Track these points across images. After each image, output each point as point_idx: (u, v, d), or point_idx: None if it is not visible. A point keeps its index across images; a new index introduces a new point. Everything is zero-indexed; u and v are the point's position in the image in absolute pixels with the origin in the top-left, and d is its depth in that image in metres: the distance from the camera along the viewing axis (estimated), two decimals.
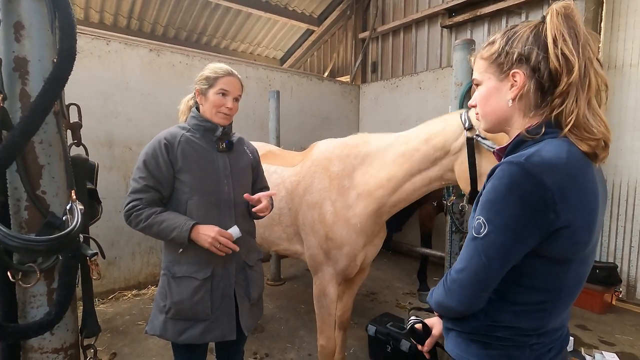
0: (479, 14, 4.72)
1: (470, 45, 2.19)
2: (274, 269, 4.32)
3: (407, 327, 1.12)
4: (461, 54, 2.19)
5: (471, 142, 1.56)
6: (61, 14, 0.89)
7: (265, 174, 2.51)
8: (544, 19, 0.85)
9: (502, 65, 0.88)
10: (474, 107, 0.98)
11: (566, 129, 0.81)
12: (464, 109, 2.00)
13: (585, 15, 3.60)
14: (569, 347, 2.69)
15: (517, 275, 0.84)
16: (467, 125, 1.57)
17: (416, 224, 4.25)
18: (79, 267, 1.02)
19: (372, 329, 2.69)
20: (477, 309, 0.88)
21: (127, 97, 3.84)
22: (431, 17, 5.44)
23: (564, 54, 0.79)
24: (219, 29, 7.34)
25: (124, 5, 6.29)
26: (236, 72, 1.63)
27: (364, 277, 2.45)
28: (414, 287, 4.14)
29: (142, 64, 3.93)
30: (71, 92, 1.17)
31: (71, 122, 1.09)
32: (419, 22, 5.64)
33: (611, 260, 3.83)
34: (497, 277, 0.84)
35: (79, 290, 1.04)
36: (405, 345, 2.47)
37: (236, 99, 1.61)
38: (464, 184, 1.64)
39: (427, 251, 3.90)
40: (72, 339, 1.02)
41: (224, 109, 1.56)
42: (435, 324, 1.11)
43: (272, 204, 1.84)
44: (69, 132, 1.11)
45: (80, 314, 1.11)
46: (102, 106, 3.69)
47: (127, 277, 3.95)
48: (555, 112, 0.82)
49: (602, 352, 2.58)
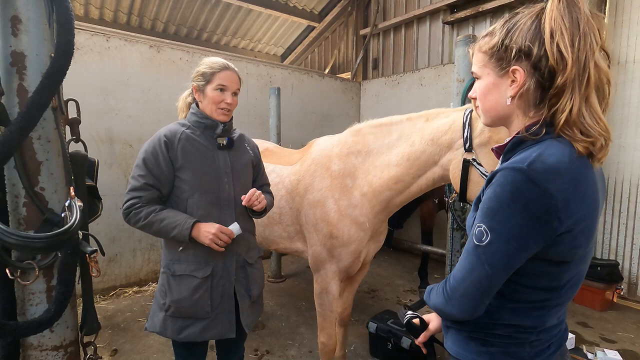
0: (481, 9, 4.68)
1: (472, 41, 2.16)
2: (275, 266, 4.32)
3: (404, 321, 1.11)
4: (463, 50, 2.17)
5: (467, 165, 1.53)
6: (59, 8, 0.88)
7: None
8: (545, 6, 0.79)
9: (501, 60, 0.84)
10: (475, 99, 0.95)
11: (557, 127, 0.77)
12: (467, 105, 1.98)
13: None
14: (570, 345, 2.70)
15: (517, 275, 0.83)
16: (468, 146, 1.52)
17: (417, 221, 4.24)
18: (78, 264, 1.01)
19: (373, 326, 2.69)
20: (479, 314, 0.86)
21: (128, 94, 3.83)
22: (433, 13, 5.40)
23: (559, 50, 0.75)
24: (219, 25, 7.31)
25: (124, 1, 6.26)
26: (233, 65, 1.60)
27: (364, 274, 2.45)
28: (415, 284, 4.14)
29: (142, 60, 3.91)
30: (71, 89, 1.16)
31: (70, 117, 1.08)
32: (420, 18, 5.61)
33: (613, 257, 3.82)
34: (500, 285, 0.83)
35: (78, 287, 1.03)
36: (406, 342, 2.47)
37: (235, 93, 1.59)
38: (455, 186, 1.64)
39: (428, 248, 3.89)
40: (71, 337, 1.01)
41: (224, 104, 1.54)
42: (432, 319, 1.10)
43: (272, 203, 1.83)
44: (67, 128, 1.10)
45: (80, 311, 1.10)
46: (102, 103, 3.68)
47: (128, 274, 3.96)
48: (551, 111, 0.78)
49: (604, 350, 2.57)
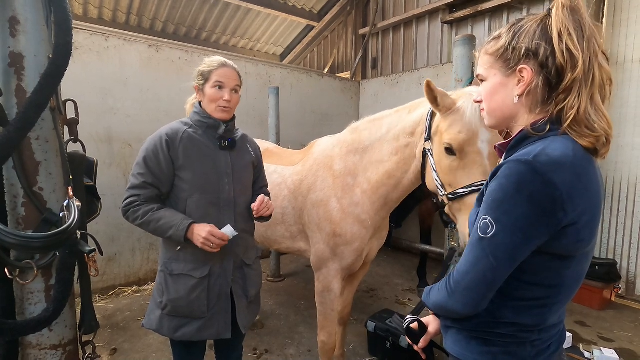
0: (480, 9, 4.69)
1: (471, 41, 2.17)
2: (274, 265, 4.32)
3: (404, 327, 1.11)
4: (462, 50, 2.17)
5: (425, 153, 1.65)
6: (57, 9, 0.88)
7: (265, 173, 2.51)
8: (549, 12, 0.83)
9: (508, 61, 0.86)
10: (480, 102, 0.97)
11: (565, 124, 0.80)
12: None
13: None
14: (567, 344, 2.71)
15: (519, 271, 0.83)
16: (427, 135, 1.61)
17: (416, 221, 4.25)
18: (77, 263, 1.01)
19: (371, 325, 2.70)
20: (482, 309, 0.86)
21: (126, 93, 3.82)
22: (432, 13, 5.41)
23: (568, 49, 0.78)
24: (218, 24, 7.31)
25: (123, 1, 6.25)
26: (231, 63, 1.58)
27: (365, 273, 2.46)
28: (414, 283, 4.15)
29: (141, 59, 3.91)
30: (70, 89, 1.16)
31: (68, 118, 1.09)
32: (419, 18, 5.61)
33: (611, 256, 3.83)
34: (504, 278, 0.83)
35: (77, 287, 1.04)
36: (404, 341, 2.48)
37: (234, 90, 1.57)
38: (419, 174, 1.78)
39: (427, 248, 3.90)
40: (70, 336, 1.02)
41: (222, 102, 1.53)
42: (430, 322, 1.10)
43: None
44: (66, 128, 1.11)
45: (78, 311, 1.11)
46: (101, 102, 3.68)
47: (127, 274, 3.96)
48: (558, 108, 0.81)
49: (601, 349, 2.58)
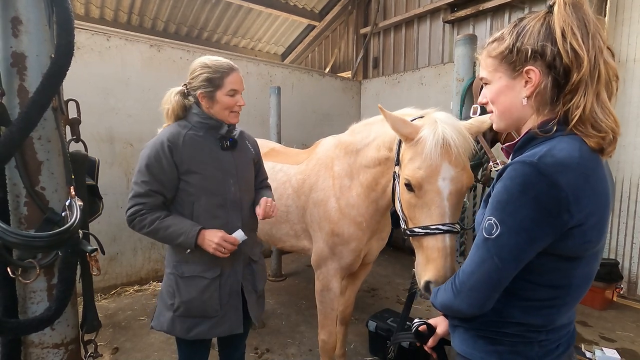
0: (481, 8, 4.67)
1: (472, 40, 2.17)
2: (275, 265, 4.33)
3: (412, 330, 1.13)
4: (463, 50, 2.17)
5: (394, 178, 1.52)
6: (59, 9, 0.88)
7: (271, 171, 2.52)
8: (551, 9, 0.81)
9: (514, 63, 0.85)
10: (485, 104, 0.95)
11: (571, 124, 0.79)
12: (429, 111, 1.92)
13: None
14: None
15: (526, 271, 0.82)
16: (396, 160, 1.50)
17: None
18: (79, 263, 1.02)
19: (372, 325, 2.70)
20: (487, 309, 0.86)
21: (128, 93, 3.83)
22: (433, 12, 5.39)
23: (573, 49, 0.77)
24: (219, 24, 7.31)
25: (124, 0, 6.26)
26: (233, 63, 1.57)
27: (367, 273, 2.45)
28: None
29: (142, 59, 3.91)
30: (72, 88, 1.16)
31: (70, 118, 1.09)
32: (420, 17, 5.60)
33: (612, 256, 3.82)
34: (509, 278, 0.82)
35: (79, 286, 1.04)
36: (405, 341, 2.48)
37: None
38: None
39: None
40: (72, 334, 1.02)
41: (237, 107, 1.54)
42: (439, 322, 1.10)
43: (272, 196, 1.83)
44: (68, 128, 1.11)
45: (80, 310, 1.11)
46: (103, 102, 3.69)
47: (129, 273, 3.97)
48: (565, 108, 0.80)
49: (602, 349, 2.58)
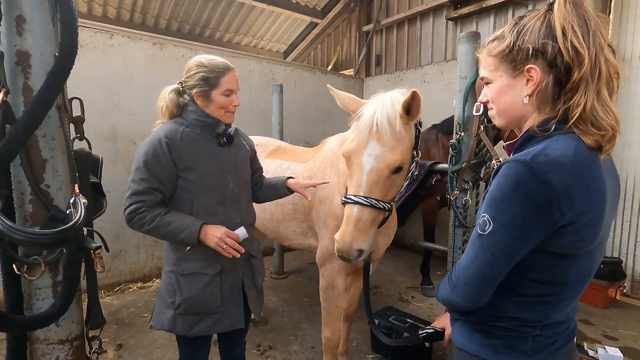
0: (484, 5, 4.65)
1: (475, 37, 2.15)
2: (277, 262, 4.34)
3: (422, 339, 1.18)
4: (466, 47, 2.15)
5: None
6: (62, 8, 0.89)
7: (278, 169, 2.53)
8: (551, 7, 0.81)
9: (515, 61, 0.85)
10: (486, 103, 0.96)
11: (570, 122, 0.79)
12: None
13: (593, 7, 3.53)
14: None
15: (521, 267, 0.84)
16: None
17: (419, 218, 4.25)
18: (83, 260, 1.03)
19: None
20: (483, 304, 0.88)
21: (131, 91, 3.84)
22: (436, 9, 5.37)
23: (574, 47, 0.77)
24: (221, 22, 7.31)
25: None
26: (229, 63, 1.56)
27: (372, 270, 2.45)
28: (417, 281, 4.15)
29: (145, 57, 3.92)
30: (75, 86, 1.17)
31: (74, 116, 1.10)
32: (423, 15, 5.57)
33: (616, 255, 3.81)
34: (503, 274, 0.84)
35: (83, 283, 1.05)
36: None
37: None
38: None
39: (430, 245, 3.89)
40: (77, 331, 1.03)
41: (232, 107, 1.55)
42: (446, 324, 1.13)
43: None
44: (71, 126, 1.12)
45: (85, 306, 1.12)
46: (106, 100, 3.70)
47: (132, 270, 4.00)
48: (565, 106, 0.80)
49: (605, 347, 2.57)
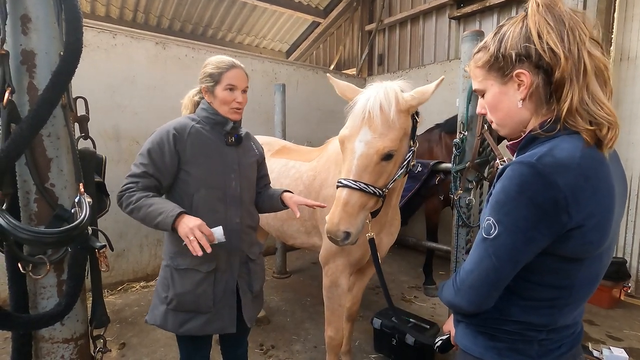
0: (487, 4, 4.63)
1: (479, 36, 2.14)
2: (280, 262, 4.34)
3: (436, 349, 1.19)
4: (470, 46, 2.15)
5: None
6: (67, 7, 0.89)
7: (283, 168, 2.53)
8: (527, 12, 0.82)
9: (502, 68, 0.86)
10: (485, 115, 0.97)
11: (561, 117, 0.79)
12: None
13: (597, 5, 3.51)
14: None
15: (527, 271, 0.82)
16: None
17: (422, 218, 4.24)
18: (88, 259, 1.03)
19: (377, 322, 2.71)
20: (488, 308, 0.87)
21: (134, 91, 3.85)
22: (439, 8, 5.35)
23: (549, 47, 0.78)
24: (224, 21, 7.31)
25: None
26: (239, 63, 1.59)
27: (374, 270, 2.45)
28: (420, 280, 4.14)
29: (148, 57, 3.93)
30: (78, 86, 1.17)
31: (78, 115, 1.10)
32: (426, 14, 5.56)
33: (620, 255, 3.78)
34: (508, 278, 0.83)
35: (88, 281, 1.05)
36: (410, 338, 2.48)
37: (244, 91, 1.59)
38: None
39: (433, 245, 3.89)
40: (82, 330, 1.03)
41: (235, 104, 1.55)
42: (451, 325, 1.13)
43: None
44: (76, 125, 1.12)
45: (89, 305, 1.12)
46: (109, 100, 3.71)
47: (135, 269, 4.01)
48: (559, 105, 0.80)
49: (610, 347, 2.56)
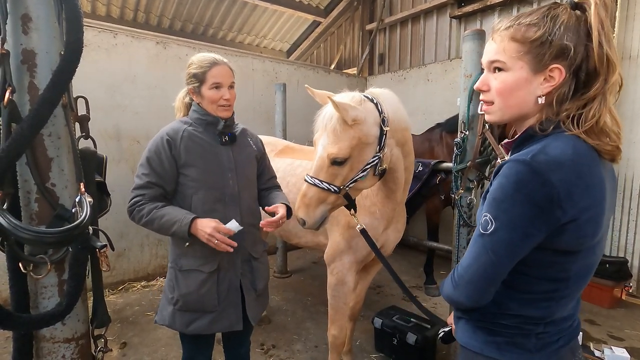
0: (489, 3, 4.62)
1: (480, 35, 2.14)
2: (281, 261, 4.34)
3: (440, 338, 1.21)
4: (471, 45, 2.14)
5: None
6: (68, 6, 0.88)
7: (290, 167, 2.53)
8: (577, 6, 0.77)
9: (542, 55, 0.78)
10: (486, 91, 0.88)
11: (581, 129, 0.77)
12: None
13: None
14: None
15: (524, 265, 0.84)
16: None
17: (423, 218, 4.23)
18: (89, 258, 1.03)
19: (378, 322, 2.70)
20: (486, 303, 0.88)
21: (134, 90, 3.85)
22: (440, 8, 5.34)
23: (608, 57, 0.73)
24: (225, 21, 7.31)
25: None
26: (221, 58, 1.57)
27: (378, 268, 2.45)
28: (421, 280, 4.14)
29: (148, 56, 3.93)
30: (79, 85, 1.17)
31: (79, 114, 1.09)
32: (427, 13, 5.55)
33: (621, 254, 3.77)
34: (505, 272, 0.84)
35: (89, 281, 1.05)
36: (411, 338, 2.48)
37: (231, 86, 1.57)
38: None
39: (434, 245, 3.88)
40: (83, 329, 1.03)
41: (222, 101, 1.54)
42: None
43: (286, 197, 1.82)
44: (77, 125, 1.12)
45: (90, 305, 1.12)
46: (110, 99, 3.71)
47: (136, 269, 4.01)
48: (568, 112, 0.79)
49: (611, 347, 2.55)
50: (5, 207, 0.87)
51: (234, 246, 1.45)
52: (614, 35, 3.67)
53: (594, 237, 0.81)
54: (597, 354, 2.51)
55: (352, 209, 1.71)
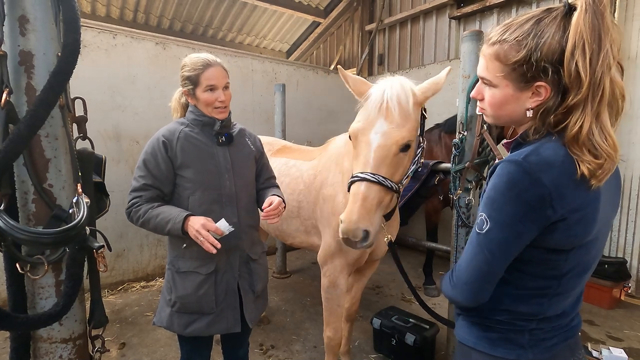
0: (488, 4, 4.62)
1: (479, 36, 2.14)
2: (280, 261, 4.34)
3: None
4: (469, 46, 2.14)
5: None
6: (65, 7, 0.89)
7: (284, 167, 2.53)
8: (569, 11, 0.77)
9: (525, 75, 0.80)
10: (481, 100, 0.93)
11: (566, 138, 0.79)
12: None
13: None
14: None
15: (519, 262, 0.86)
16: None
17: (422, 218, 4.23)
18: (86, 259, 1.03)
19: (377, 322, 2.71)
20: (484, 301, 0.90)
21: (134, 91, 3.86)
22: (439, 8, 5.35)
23: (577, 69, 0.74)
24: (224, 21, 7.32)
25: None
26: (214, 58, 1.55)
27: (373, 270, 2.45)
28: (420, 280, 4.14)
29: (148, 57, 3.93)
30: (78, 86, 1.17)
31: (76, 115, 1.10)
32: (426, 13, 5.55)
33: (620, 255, 3.78)
34: (501, 271, 0.87)
35: (86, 282, 1.05)
36: (410, 338, 2.48)
37: (226, 87, 1.56)
38: None
39: (433, 245, 3.88)
40: (80, 330, 1.04)
41: (218, 103, 1.53)
42: None
43: (283, 196, 1.80)
44: (74, 125, 1.12)
45: (88, 305, 1.13)
46: (109, 100, 3.71)
47: (135, 269, 4.02)
48: (556, 119, 0.80)
49: (610, 348, 2.55)
50: (2, 208, 0.87)
51: (218, 247, 1.37)
52: (618, 47, 3.67)
53: (586, 236, 0.83)
54: (595, 354, 2.51)
55: (385, 220, 1.47)
